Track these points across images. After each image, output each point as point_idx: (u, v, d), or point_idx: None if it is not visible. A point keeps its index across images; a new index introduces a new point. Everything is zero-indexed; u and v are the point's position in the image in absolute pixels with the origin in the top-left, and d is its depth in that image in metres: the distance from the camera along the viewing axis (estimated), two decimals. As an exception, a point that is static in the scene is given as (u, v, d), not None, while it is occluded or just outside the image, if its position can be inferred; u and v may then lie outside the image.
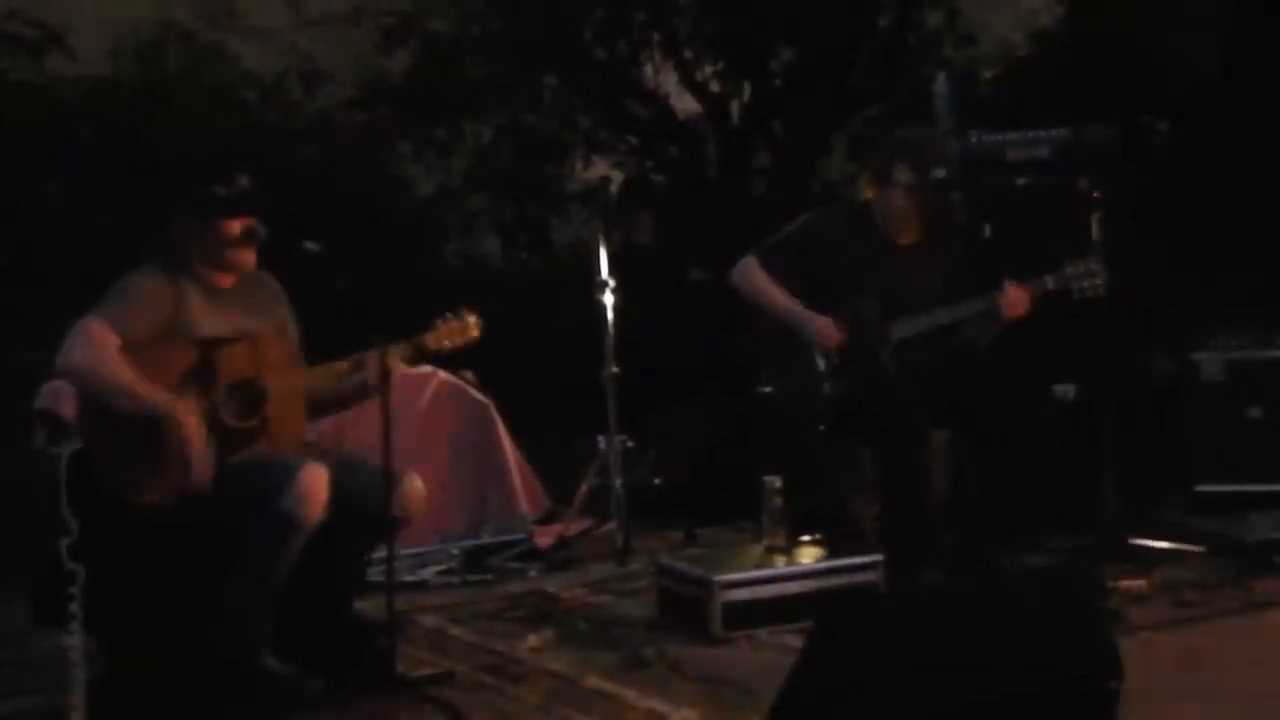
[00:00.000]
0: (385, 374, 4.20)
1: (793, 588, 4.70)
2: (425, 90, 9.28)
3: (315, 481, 4.01)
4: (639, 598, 5.20)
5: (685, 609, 4.75)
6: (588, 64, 9.44)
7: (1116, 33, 7.66)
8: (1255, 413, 6.02)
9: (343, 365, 4.29)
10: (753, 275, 5.21)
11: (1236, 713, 3.76)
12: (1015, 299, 5.00)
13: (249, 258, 4.29)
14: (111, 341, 4.03)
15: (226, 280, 4.29)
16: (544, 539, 6.04)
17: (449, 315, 4.42)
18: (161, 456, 4.03)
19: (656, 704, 3.96)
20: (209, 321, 4.19)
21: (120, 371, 4.02)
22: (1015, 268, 5.11)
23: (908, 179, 5.10)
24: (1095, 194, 5.42)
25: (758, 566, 4.78)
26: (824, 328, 5.08)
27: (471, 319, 4.44)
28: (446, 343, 4.42)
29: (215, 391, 4.14)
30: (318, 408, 4.42)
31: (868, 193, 5.24)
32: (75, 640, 3.72)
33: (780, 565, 4.79)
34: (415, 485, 4.31)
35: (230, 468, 4.09)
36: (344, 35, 9.22)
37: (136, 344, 4.07)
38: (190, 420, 4.04)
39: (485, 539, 5.98)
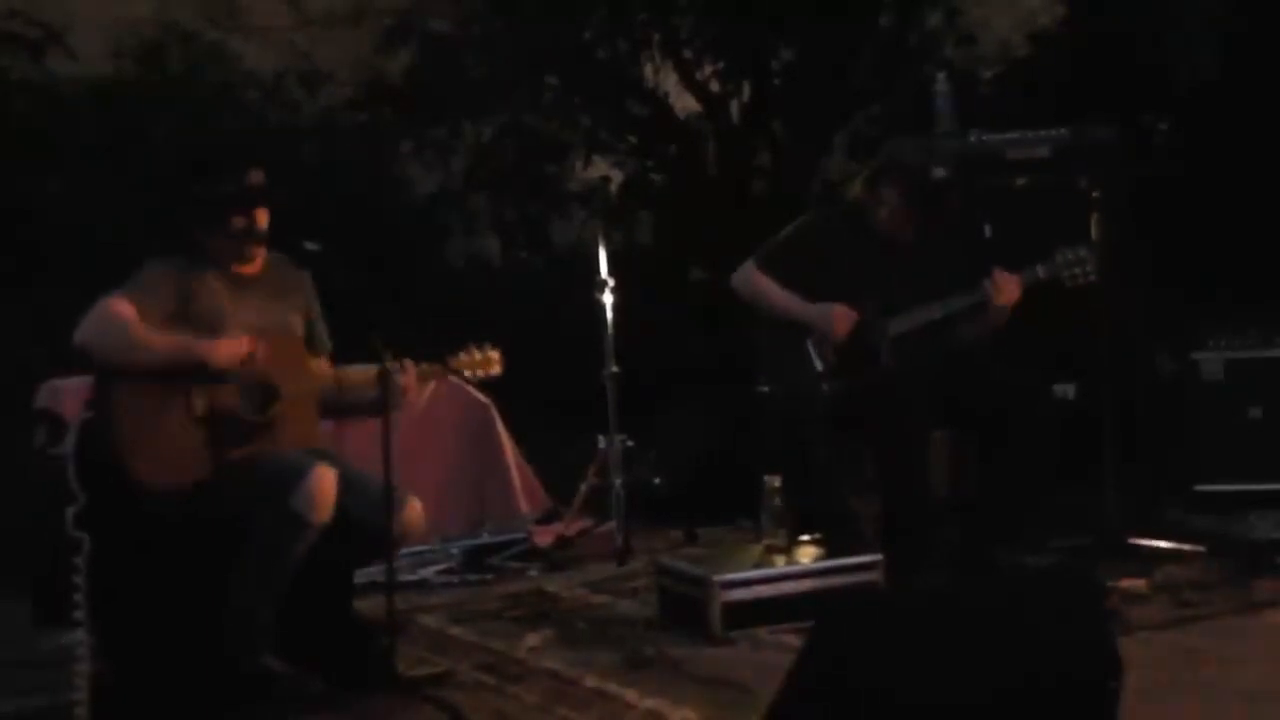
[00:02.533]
0: (388, 381, 4.19)
1: (792, 587, 4.70)
2: (426, 90, 9.28)
3: (325, 482, 4.01)
4: (639, 597, 5.20)
5: (685, 609, 4.75)
6: (588, 64, 9.43)
7: (1116, 33, 7.66)
8: (1255, 412, 6.03)
9: (368, 375, 4.27)
10: (754, 280, 5.22)
11: (1236, 712, 3.76)
12: (1003, 285, 5.01)
13: (257, 251, 4.29)
14: (130, 315, 4.03)
15: (250, 268, 4.29)
16: (544, 538, 6.05)
17: (474, 348, 4.46)
18: (167, 442, 4.02)
19: (656, 704, 3.96)
20: (230, 312, 4.18)
21: (141, 331, 4.02)
22: (1015, 267, 5.11)
23: (894, 202, 5.14)
24: (1095, 194, 5.43)
25: (757, 566, 4.78)
26: (838, 314, 5.07)
27: (495, 355, 4.48)
28: (468, 372, 4.47)
29: (227, 385, 4.13)
30: (328, 408, 4.41)
31: (856, 191, 5.26)
32: (79, 635, 3.72)
33: (780, 565, 4.79)
34: (414, 511, 4.29)
35: (239, 465, 4.09)
36: (345, 35, 9.22)
37: (154, 326, 4.07)
38: (221, 349, 4.05)
39: (485, 538, 5.98)
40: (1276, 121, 6.96)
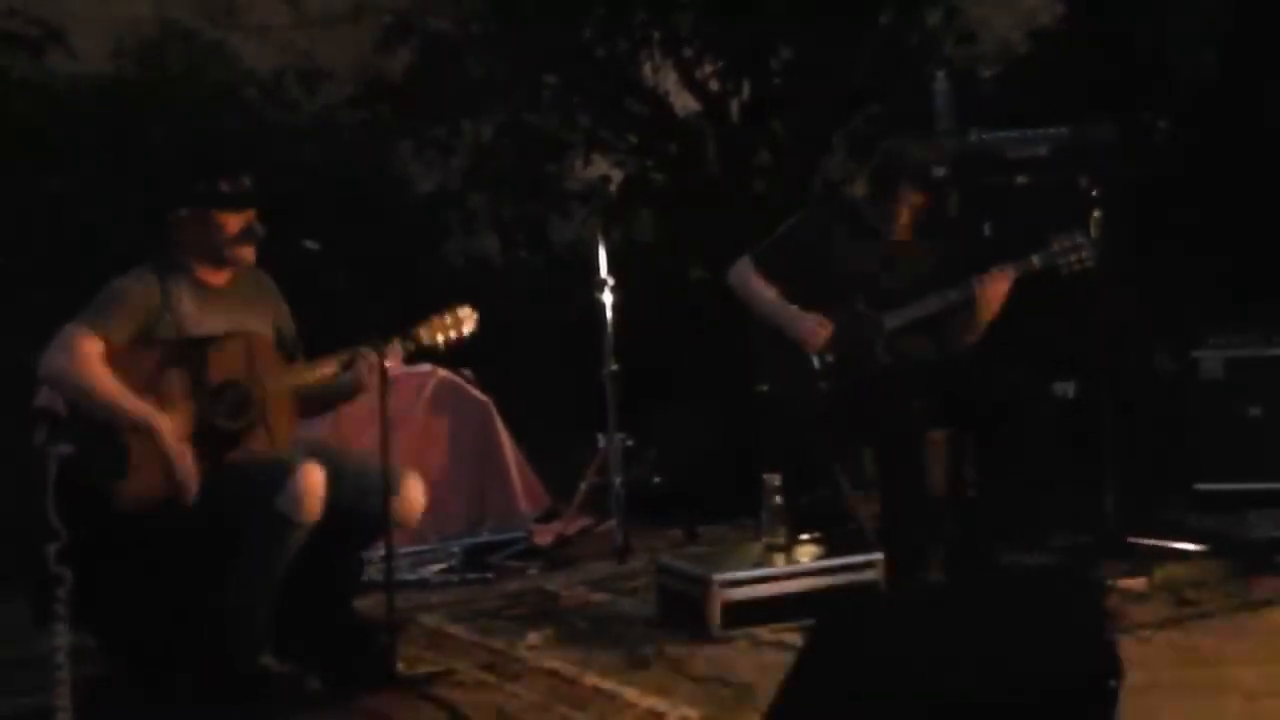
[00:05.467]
0: (384, 374, 4.21)
1: (792, 586, 4.70)
2: (425, 89, 9.28)
3: (312, 481, 4.01)
4: (638, 596, 5.21)
5: (685, 607, 4.75)
6: (587, 63, 9.43)
7: (1116, 31, 7.66)
8: (1255, 411, 6.02)
9: (331, 364, 4.29)
10: (747, 277, 5.22)
11: (1236, 711, 3.76)
12: (994, 279, 5.00)
13: (247, 254, 4.30)
14: (95, 348, 4.02)
15: (220, 278, 4.29)
16: (543, 537, 6.05)
17: (445, 312, 4.44)
18: (145, 462, 4.02)
19: (656, 703, 3.96)
20: (199, 322, 4.19)
21: (102, 380, 4.01)
22: (1013, 262, 5.11)
23: (918, 200, 5.12)
24: (1095, 192, 5.43)
25: (757, 565, 4.78)
26: (810, 327, 5.08)
27: (464, 311, 4.46)
28: (440, 336, 4.44)
29: (203, 392, 4.13)
30: (308, 406, 4.42)
31: (862, 191, 5.25)
32: (62, 642, 3.72)
33: (780, 564, 4.80)
34: (414, 494, 4.30)
35: (226, 468, 4.10)
36: (344, 33, 9.22)
37: (122, 346, 4.06)
38: (171, 433, 4.03)
39: (485, 537, 5.99)
40: (1276, 120, 6.96)
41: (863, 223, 5.22)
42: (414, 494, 4.30)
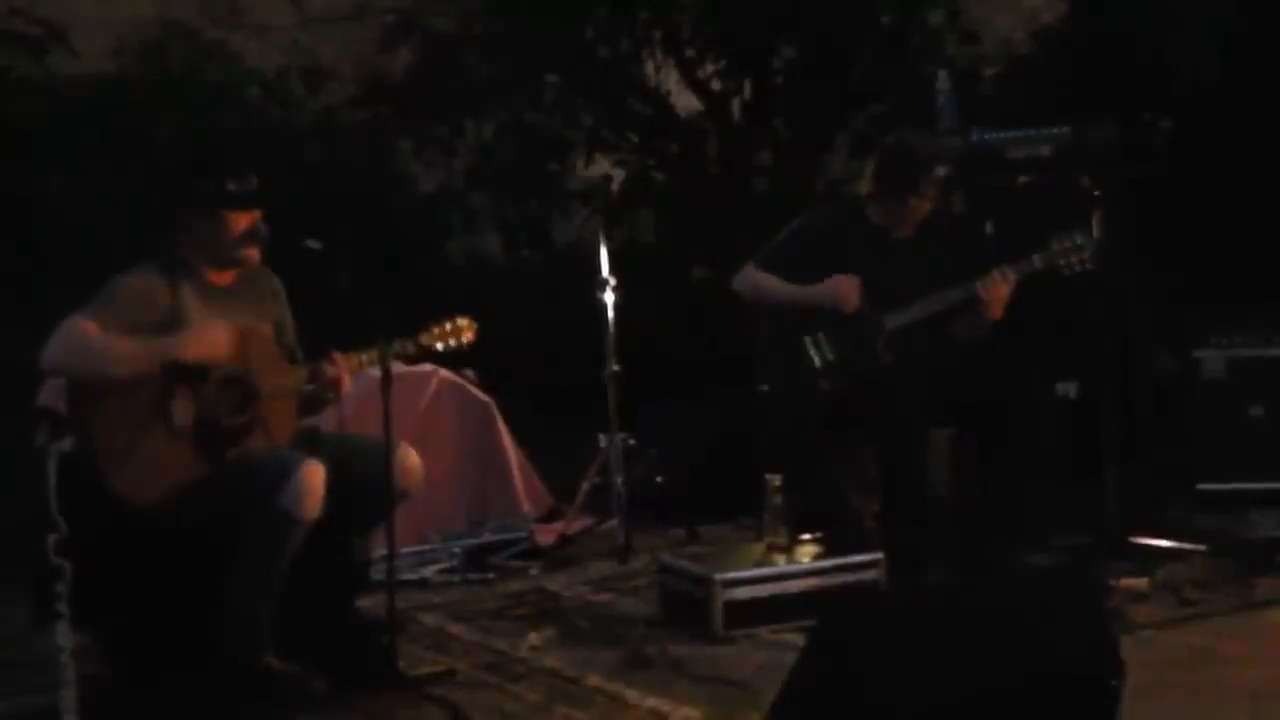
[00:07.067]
0: (387, 374, 4.21)
1: (794, 586, 4.70)
2: (427, 88, 9.29)
3: (313, 478, 4.02)
4: (640, 596, 5.20)
5: (686, 607, 4.75)
6: (590, 62, 9.44)
7: (1118, 31, 7.66)
8: (1257, 411, 6.02)
9: (300, 373, 4.31)
10: (755, 278, 5.22)
11: (1238, 711, 3.76)
12: (996, 281, 5.00)
13: (252, 254, 4.30)
14: (95, 332, 4.02)
15: (225, 278, 4.29)
16: (545, 537, 6.04)
17: (445, 321, 4.47)
18: (151, 455, 4.02)
19: (657, 703, 3.96)
20: (203, 320, 4.18)
21: (105, 345, 3.99)
22: (1013, 262, 5.11)
23: (937, 190, 5.13)
24: (1097, 192, 5.43)
25: (759, 565, 4.78)
26: (844, 287, 5.06)
27: (463, 322, 4.48)
28: (439, 344, 4.46)
29: (205, 389, 4.13)
30: (305, 410, 4.43)
31: (866, 189, 5.24)
32: (66, 641, 3.72)
33: (781, 564, 4.79)
34: (411, 458, 4.33)
35: (227, 466, 4.09)
36: (346, 33, 9.24)
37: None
38: (192, 342, 4.04)
39: (486, 537, 5.98)
40: (1277, 120, 6.96)
41: (867, 222, 5.22)
42: (409, 460, 4.33)
